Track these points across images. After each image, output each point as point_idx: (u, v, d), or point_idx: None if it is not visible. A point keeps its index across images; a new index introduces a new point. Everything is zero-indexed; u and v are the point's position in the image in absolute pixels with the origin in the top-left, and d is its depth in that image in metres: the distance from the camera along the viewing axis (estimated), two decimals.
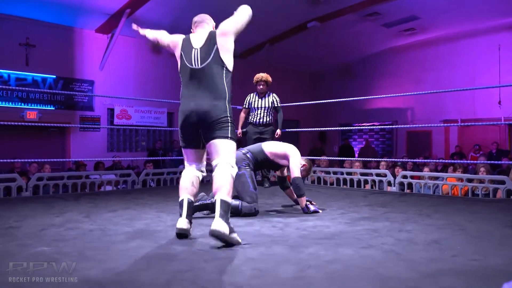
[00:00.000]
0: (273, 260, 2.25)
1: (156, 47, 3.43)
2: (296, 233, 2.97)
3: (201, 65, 2.83)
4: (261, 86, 5.90)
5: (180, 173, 6.77)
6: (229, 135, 2.80)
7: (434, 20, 11.06)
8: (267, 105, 5.93)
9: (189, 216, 2.81)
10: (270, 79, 5.91)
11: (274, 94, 6.04)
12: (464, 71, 11.87)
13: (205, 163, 3.08)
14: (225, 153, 2.78)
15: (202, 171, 3.04)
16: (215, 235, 2.47)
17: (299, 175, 3.92)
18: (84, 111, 10.08)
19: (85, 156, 9.31)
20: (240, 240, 2.61)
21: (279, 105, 6.02)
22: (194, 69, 2.84)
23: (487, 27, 11.36)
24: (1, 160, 5.29)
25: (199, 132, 2.83)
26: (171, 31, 3.27)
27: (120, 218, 3.55)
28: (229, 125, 2.81)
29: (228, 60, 2.87)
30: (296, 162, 3.97)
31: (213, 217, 2.54)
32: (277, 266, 2.15)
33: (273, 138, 5.91)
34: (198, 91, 2.82)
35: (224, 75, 2.85)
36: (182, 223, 2.76)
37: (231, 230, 2.56)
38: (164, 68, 11.36)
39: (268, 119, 5.95)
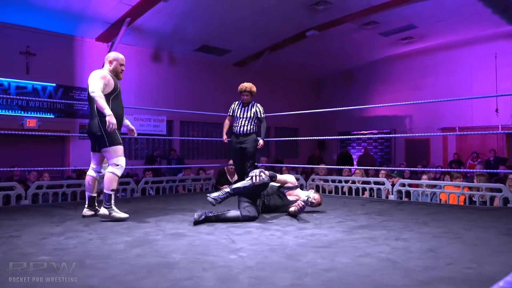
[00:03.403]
0: (270, 268, 2.28)
1: None
2: (294, 241, 3.00)
3: None
4: (245, 96, 5.84)
5: (180, 181, 6.85)
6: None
7: (431, 29, 11.18)
8: (249, 115, 5.86)
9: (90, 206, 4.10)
10: (254, 89, 5.86)
11: (257, 104, 5.96)
12: (461, 79, 11.98)
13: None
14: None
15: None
16: (102, 217, 3.86)
17: (280, 177, 4.30)
18: (83, 119, 10.12)
19: (85, 164, 9.28)
20: (121, 216, 3.84)
21: (262, 115, 5.96)
22: None
23: (484, 36, 11.48)
24: (1, 169, 5.32)
25: None
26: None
27: (120, 226, 3.57)
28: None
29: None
30: (288, 176, 4.49)
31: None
32: (275, 274, 2.18)
33: (254, 147, 5.85)
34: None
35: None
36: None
37: (110, 212, 3.84)
38: (164, 77, 11.44)
39: (248, 128, 5.86)
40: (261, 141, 5.95)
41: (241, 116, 5.90)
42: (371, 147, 14.50)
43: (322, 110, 7.33)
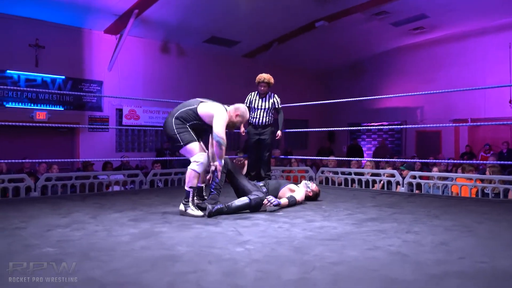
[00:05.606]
0: (277, 262, 2.23)
1: None
2: (302, 234, 2.95)
3: None
4: (262, 88, 5.72)
5: None
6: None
7: (443, 19, 10.95)
8: (267, 106, 5.77)
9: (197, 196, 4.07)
10: (272, 80, 5.73)
11: (275, 95, 5.88)
12: (474, 70, 11.73)
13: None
14: None
15: None
16: (180, 213, 3.77)
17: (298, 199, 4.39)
18: (93, 112, 10.14)
19: (94, 156, 9.37)
20: (195, 214, 3.68)
21: (279, 106, 5.88)
22: None
23: (497, 25, 11.22)
24: (11, 160, 5.33)
25: None
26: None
27: (126, 219, 3.55)
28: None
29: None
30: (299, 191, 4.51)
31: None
32: (281, 268, 2.13)
33: (272, 139, 5.80)
34: None
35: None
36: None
37: (186, 209, 3.73)
38: (173, 68, 11.38)
39: (267, 120, 5.79)
40: (279, 132, 5.92)
41: (259, 107, 5.79)
42: (381, 139, 14.35)
43: (332, 101, 7.23)
